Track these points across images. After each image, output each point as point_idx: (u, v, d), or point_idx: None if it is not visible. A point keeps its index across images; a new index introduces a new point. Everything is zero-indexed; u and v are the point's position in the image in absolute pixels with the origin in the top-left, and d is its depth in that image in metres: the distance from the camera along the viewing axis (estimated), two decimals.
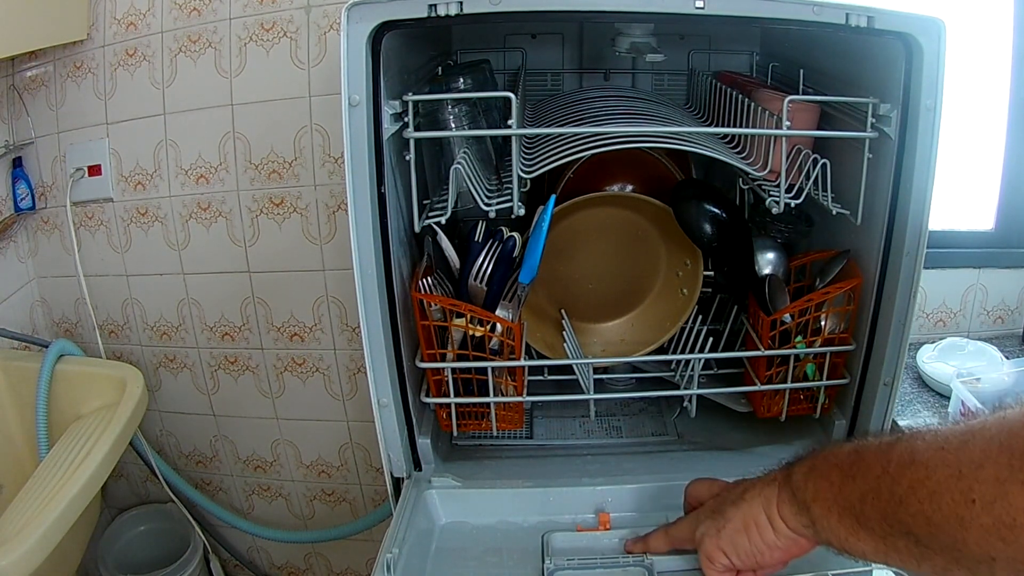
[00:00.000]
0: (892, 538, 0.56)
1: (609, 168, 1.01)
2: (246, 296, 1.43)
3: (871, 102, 0.80)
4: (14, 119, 1.39)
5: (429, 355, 0.88)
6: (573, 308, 1.04)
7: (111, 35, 1.32)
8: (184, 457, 1.60)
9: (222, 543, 1.67)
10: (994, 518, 0.47)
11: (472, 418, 0.94)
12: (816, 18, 0.72)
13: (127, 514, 1.60)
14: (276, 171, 1.34)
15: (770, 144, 0.87)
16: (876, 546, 0.57)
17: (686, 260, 1.02)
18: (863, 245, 0.89)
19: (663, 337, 1.03)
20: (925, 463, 0.52)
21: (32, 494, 0.97)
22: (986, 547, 0.48)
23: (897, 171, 0.80)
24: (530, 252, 0.85)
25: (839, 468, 0.60)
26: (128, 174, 1.39)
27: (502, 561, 0.79)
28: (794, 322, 0.91)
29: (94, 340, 1.44)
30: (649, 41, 0.94)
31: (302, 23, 1.26)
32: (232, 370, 1.50)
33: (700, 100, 1.09)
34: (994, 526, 0.47)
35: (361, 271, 0.79)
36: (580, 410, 1.08)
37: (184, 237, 1.41)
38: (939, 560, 0.53)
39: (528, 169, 0.81)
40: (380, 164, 0.77)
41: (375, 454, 1.50)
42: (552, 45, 1.19)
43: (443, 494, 0.87)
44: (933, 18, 0.73)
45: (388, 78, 0.76)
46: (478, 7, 0.71)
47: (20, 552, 0.86)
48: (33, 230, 1.46)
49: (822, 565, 0.73)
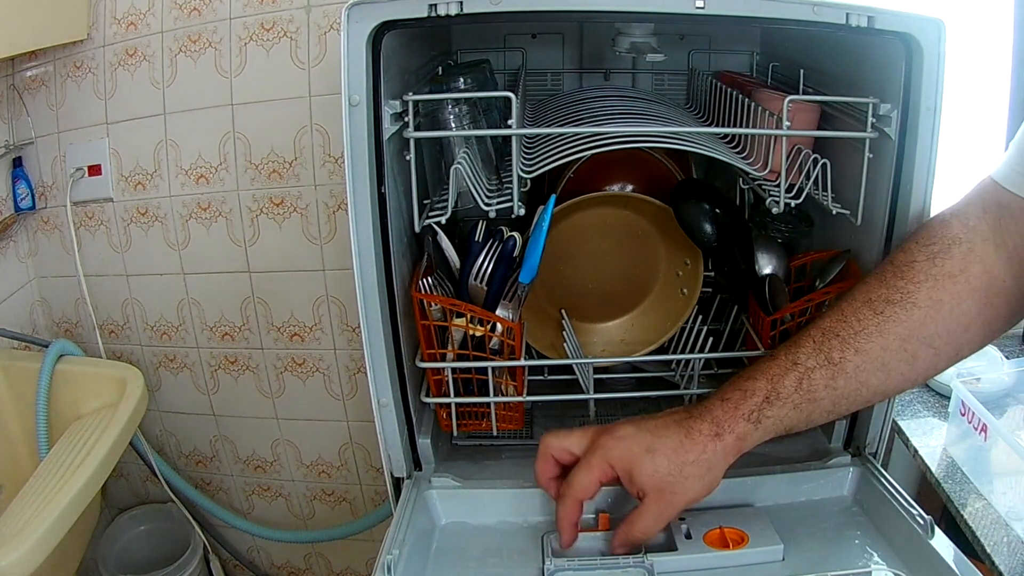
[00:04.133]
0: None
1: (609, 168, 1.01)
2: (246, 296, 1.43)
3: (871, 102, 0.80)
4: (14, 119, 1.39)
5: (429, 355, 0.88)
6: (573, 308, 1.04)
7: (111, 35, 1.32)
8: (184, 457, 1.60)
9: (222, 543, 1.68)
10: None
11: (472, 418, 0.94)
12: (816, 18, 0.72)
13: (127, 514, 1.60)
14: (276, 171, 1.34)
15: (770, 144, 0.87)
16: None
17: (686, 260, 1.02)
18: (863, 245, 0.89)
19: (663, 337, 1.03)
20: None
21: (32, 494, 0.97)
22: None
23: (897, 171, 0.80)
24: (530, 252, 0.85)
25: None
26: (128, 174, 1.39)
27: (502, 562, 0.79)
28: (794, 322, 0.91)
29: (94, 340, 1.44)
30: (649, 41, 0.94)
31: (302, 23, 1.26)
32: (232, 370, 1.50)
33: (700, 100, 1.09)
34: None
35: (361, 271, 0.78)
36: (580, 410, 1.08)
37: (184, 237, 1.41)
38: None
39: (528, 169, 0.81)
40: (380, 164, 0.77)
41: (375, 454, 1.50)
42: (552, 45, 1.19)
43: (443, 494, 0.87)
44: (933, 18, 0.73)
45: (388, 78, 0.76)
46: (478, 7, 0.71)
47: (20, 552, 0.86)
48: (33, 230, 1.46)
49: (822, 565, 0.73)
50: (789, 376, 0.68)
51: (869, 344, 0.68)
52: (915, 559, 0.73)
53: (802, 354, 0.68)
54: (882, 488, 0.81)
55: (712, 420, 0.69)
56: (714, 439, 0.68)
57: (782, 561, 0.75)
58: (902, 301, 0.68)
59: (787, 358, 0.69)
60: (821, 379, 0.67)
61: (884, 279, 0.70)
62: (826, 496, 0.85)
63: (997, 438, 0.99)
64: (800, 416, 0.68)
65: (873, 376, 0.68)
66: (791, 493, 0.84)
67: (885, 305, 0.68)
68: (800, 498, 0.85)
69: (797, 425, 0.69)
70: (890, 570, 0.73)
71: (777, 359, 0.69)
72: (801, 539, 0.77)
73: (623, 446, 0.70)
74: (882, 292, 0.69)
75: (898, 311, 0.68)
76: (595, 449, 0.72)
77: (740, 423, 0.68)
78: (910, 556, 0.74)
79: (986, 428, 1.00)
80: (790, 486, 0.85)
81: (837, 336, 0.68)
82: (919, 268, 0.68)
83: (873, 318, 0.68)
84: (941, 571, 0.69)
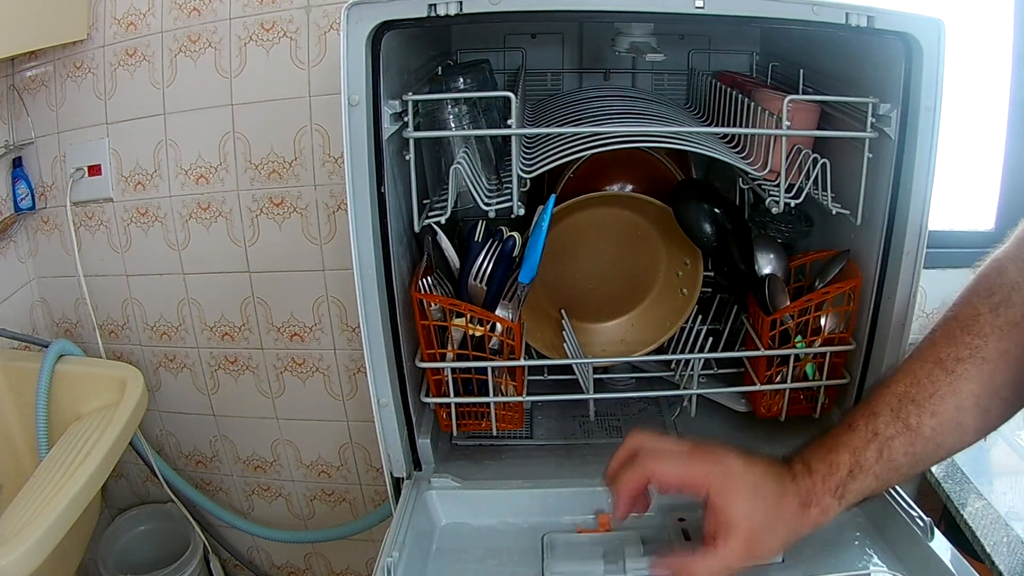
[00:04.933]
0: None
1: (609, 168, 1.01)
2: (246, 296, 1.43)
3: (871, 102, 0.80)
4: (14, 119, 1.39)
5: (429, 355, 0.88)
6: (573, 308, 1.04)
7: (111, 35, 1.32)
8: (184, 457, 1.60)
9: (222, 543, 1.67)
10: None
11: (472, 418, 0.94)
12: (816, 18, 0.72)
13: (127, 514, 1.60)
14: (276, 171, 1.34)
15: (770, 144, 0.87)
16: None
17: (686, 260, 1.02)
18: (863, 245, 0.89)
19: (663, 337, 1.03)
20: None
21: (32, 494, 0.97)
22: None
23: (897, 171, 0.80)
24: (530, 252, 0.85)
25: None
26: (128, 174, 1.39)
27: (502, 562, 0.79)
28: (794, 322, 0.91)
29: (94, 340, 1.44)
30: (649, 41, 0.94)
31: (302, 23, 1.26)
32: (232, 370, 1.50)
33: (700, 100, 1.09)
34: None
35: (361, 271, 0.79)
36: (580, 410, 1.08)
37: (184, 237, 1.41)
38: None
39: (528, 169, 0.81)
40: (380, 164, 0.77)
41: (375, 454, 1.50)
42: (552, 45, 1.19)
43: (443, 495, 0.87)
44: (933, 18, 0.73)
45: (388, 78, 0.76)
46: (478, 7, 0.71)
47: (20, 552, 0.86)
48: (33, 230, 1.46)
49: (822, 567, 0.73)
50: (870, 448, 0.67)
51: (943, 406, 0.67)
52: (914, 561, 0.73)
53: (880, 423, 0.67)
54: None
55: (804, 489, 0.67)
56: (802, 508, 0.67)
57: (782, 562, 0.75)
58: (971, 357, 0.67)
59: (867, 428, 0.68)
60: (901, 447, 0.67)
61: (951, 336, 0.69)
62: None
63: (997, 438, 0.99)
64: (880, 485, 0.68)
65: (950, 436, 0.68)
66: None
67: (956, 363, 0.67)
68: None
69: (876, 493, 0.69)
70: (889, 572, 0.73)
71: (856, 430, 0.68)
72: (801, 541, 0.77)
73: (726, 473, 0.68)
74: (951, 351, 0.68)
75: (969, 368, 0.67)
76: (698, 458, 0.69)
77: (826, 498, 0.67)
78: (909, 558, 0.74)
79: None
80: None
81: (913, 401, 0.67)
82: (984, 321, 0.68)
83: (945, 378, 0.67)
84: (940, 574, 0.70)
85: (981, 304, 0.68)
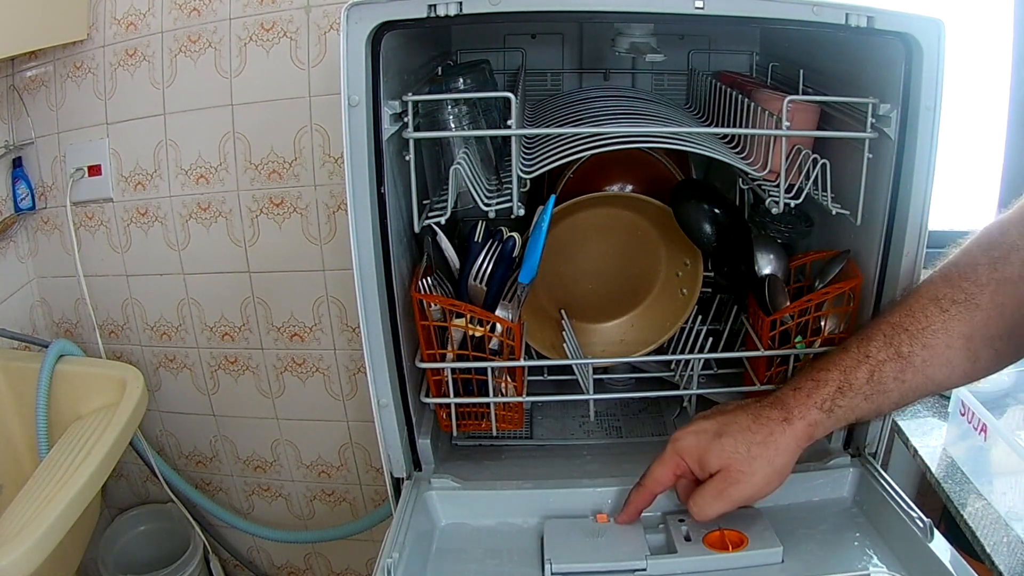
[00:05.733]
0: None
1: (609, 168, 1.01)
2: (246, 296, 1.43)
3: (871, 102, 0.80)
4: (14, 119, 1.39)
5: (429, 355, 0.88)
6: (573, 308, 1.04)
7: (111, 35, 1.32)
8: (184, 457, 1.60)
9: (222, 543, 1.68)
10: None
11: (472, 418, 0.94)
12: (816, 18, 0.72)
13: (127, 514, 1.60)
14: (276, 171, 1.34)
15: (770, 144, 0.87)
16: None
17: (686, 260, 1.02)
18: (863, 245, 0.89)
19: (663, 337, 1.03)
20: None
21: (32, 494, 0.97)
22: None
23: (897, 171, 0.80)
24: (530, 252, 0.85)
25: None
26: (128, 174, 1.39)
27: (502, 563, 0.79)
28: (794, 322, 0.91)
29: (94, 340, 1.44)
30: (649, 41, 0.94)
31: (302, 23, 1.26)
32: (232, 370, 1.50)
33: (700, 100, 1.09)
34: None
35: (361, 271, 0.79)
36: (580, 410, 1.08)
37: (184, 237, 1.41)
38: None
39: (528, 169, 0.81)
40: (380, 164, 0.77)
41: (375, 454, 1.50)
42: (552, 45, 1.19)
43: (443, 495, 0.87)
44: (933, 18, 0.73)
45: (388, 78, 0.76)
46: (478, 7, 0.71)
47: (20, 552, 0.86)
48: (33, 230, 1.46)
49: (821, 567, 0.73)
50: (861, 368, 0.70)
51: (935, 340, 0.70)
52: (914, 562, 0.73)
53: (873, 347, 0.71)
54: (882, 489, 0.81)
55: (782, 406, 0.71)
56: (783, 423, 0.70)
57: (781, 563, 0.75)
58: (966, 302, 0.69)
59: (859, 350, 0.71)
60: (891, 372, 0.70)
61: (949, 279, 0.71)
62: (826, 497, 0.85)
63: (997, 438, 0.99)
64: (870, 407, 0.71)
65: (939, 371, 0.70)
66: (791, 494, 0.84)
67: (951, 304, 0.70)
68: (800, 499, 0.84)
69: (866, 415, 0.72)
70: (889, 572, 0.73)
71: (849, 351, 0.72)
72: (800, 541, 0.77)
73: (693, 436, 0.73)
74: (947, 291, 0.71)
75: (962, 310, 0.69)
76: (670, 442, 0.74)
77: (812, 411, 0.70)
78: (909, 559, 0.74)
79: (986, 428, 1.00)
80: (790, 487, 0.84)
81: (906, 331, 0.70)
82: (982, 272, 0.70)
83: (939, 315, 0.70)
84: (940, 574, 0.69)
85: (981, 256, 0.71)
